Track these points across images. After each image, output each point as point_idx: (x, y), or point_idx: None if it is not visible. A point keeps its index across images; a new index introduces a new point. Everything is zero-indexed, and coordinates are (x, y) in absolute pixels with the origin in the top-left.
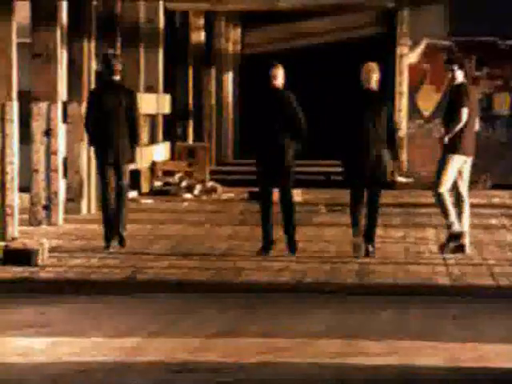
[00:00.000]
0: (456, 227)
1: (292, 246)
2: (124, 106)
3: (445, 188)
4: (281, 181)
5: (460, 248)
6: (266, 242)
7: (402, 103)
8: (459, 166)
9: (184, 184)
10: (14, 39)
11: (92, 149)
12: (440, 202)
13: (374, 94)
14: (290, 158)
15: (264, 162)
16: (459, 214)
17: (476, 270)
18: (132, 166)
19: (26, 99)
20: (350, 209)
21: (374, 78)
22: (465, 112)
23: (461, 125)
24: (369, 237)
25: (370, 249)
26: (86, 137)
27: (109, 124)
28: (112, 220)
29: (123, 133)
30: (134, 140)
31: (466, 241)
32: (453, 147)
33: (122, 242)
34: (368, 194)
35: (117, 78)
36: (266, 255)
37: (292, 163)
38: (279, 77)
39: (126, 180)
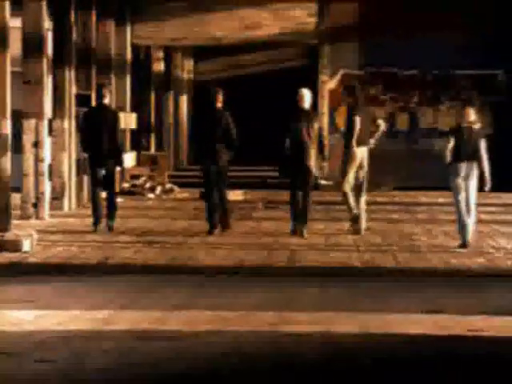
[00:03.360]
0: (355, 211)
1: (225, 224)
2: (110, 122)
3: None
4: (218, 179)
5: (357, 231)
6: (211, 225)
7: (324, 121)
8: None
9: (147, 185)
10: (8, 69)
11: (73, 157)
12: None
13: (307, 112)
14: (224, 162)
15: (206, 165)
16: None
17: (382, 255)
18: (118, 168)
19: (18, 117)
20: (290, 205)
21: (307, 100)
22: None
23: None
24: (303, 222)
25: (304, 231)
26: (80, 145)
27: (99, 135)
28: (99, 209)
29: (109, 142)
30: (117, 147)
31: (362, 226)
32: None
33: (111, 228)
34: (302, 190)
35: (106, 101)
36: (212, 235)
37: (226, 166)
38: (219, 100)
39: (114, 178)
